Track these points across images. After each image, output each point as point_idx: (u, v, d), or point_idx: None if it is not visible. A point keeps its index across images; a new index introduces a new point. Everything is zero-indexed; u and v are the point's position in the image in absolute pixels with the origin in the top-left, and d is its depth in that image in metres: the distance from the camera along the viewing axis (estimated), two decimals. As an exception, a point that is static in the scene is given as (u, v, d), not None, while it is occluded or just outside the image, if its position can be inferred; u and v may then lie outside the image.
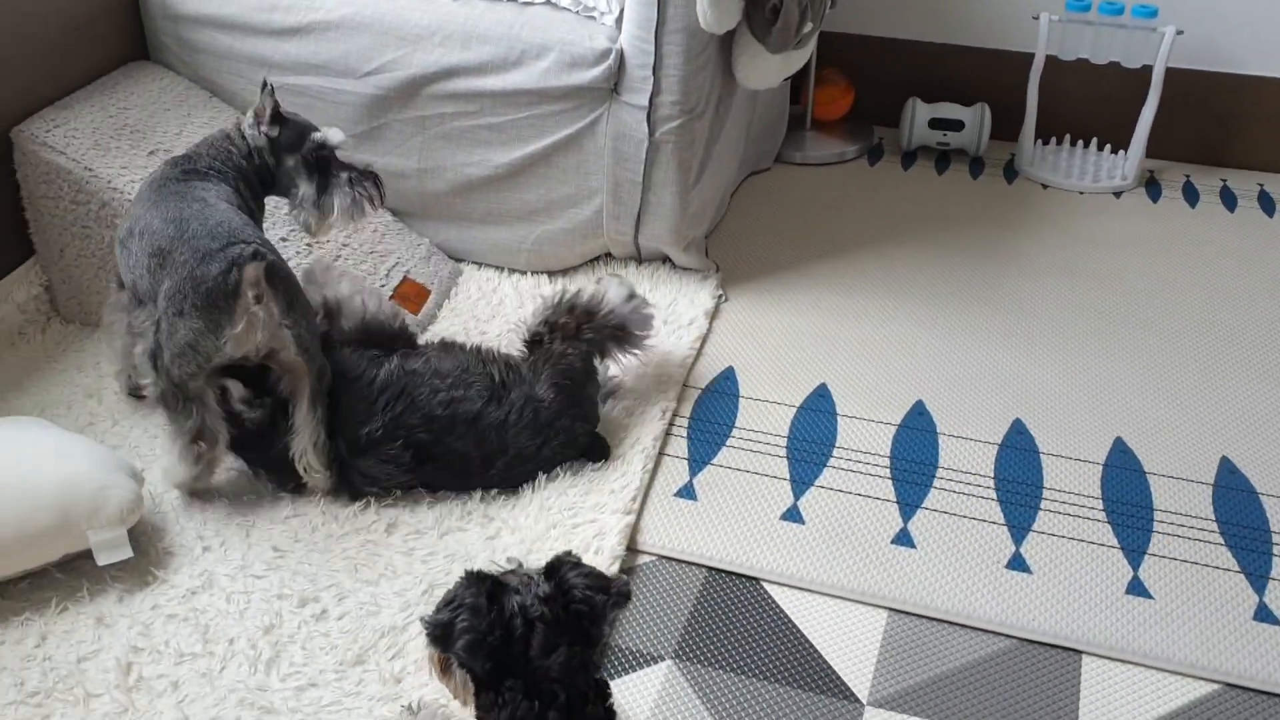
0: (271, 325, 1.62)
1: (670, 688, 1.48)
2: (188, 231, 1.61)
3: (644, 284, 2.24)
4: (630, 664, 1.51)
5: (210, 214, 1.64)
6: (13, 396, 1.96)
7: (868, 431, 1.91)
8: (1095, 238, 2.48)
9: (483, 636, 1.11)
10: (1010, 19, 2.77)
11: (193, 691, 1.45)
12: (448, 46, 2.11)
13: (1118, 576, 1.64)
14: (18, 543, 1.54)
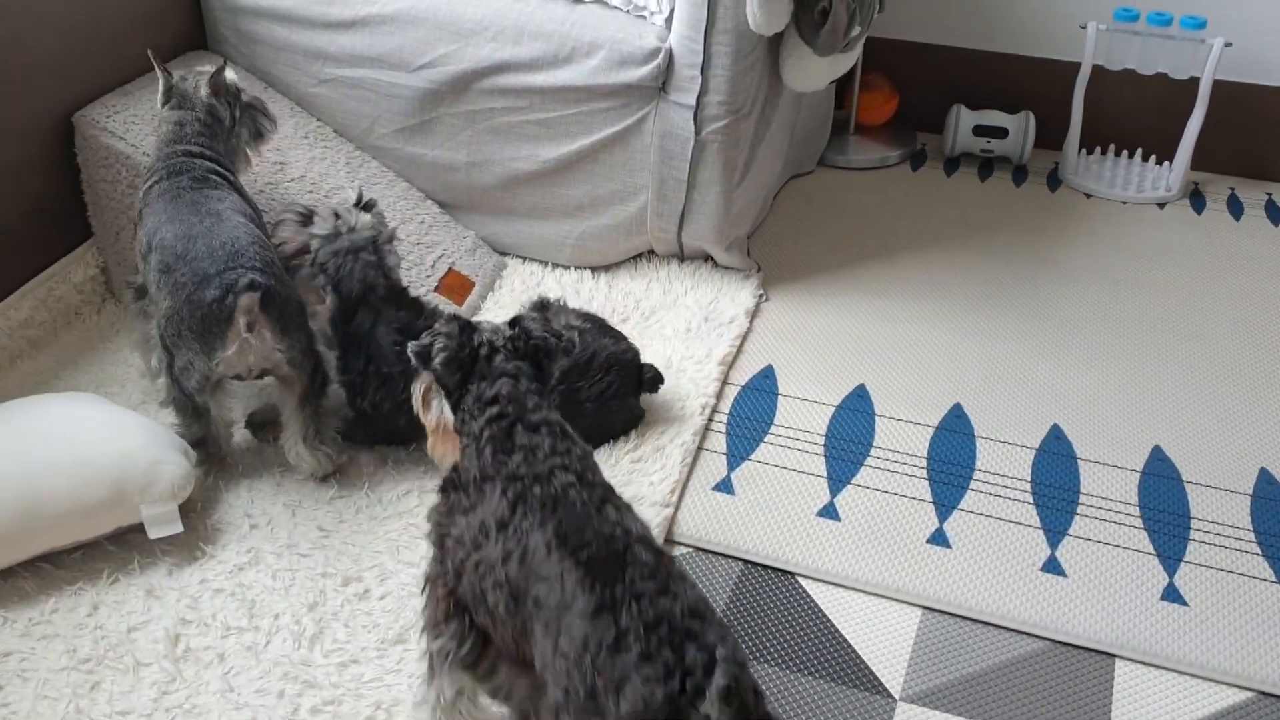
0: (264, 350, 1.68)
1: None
2: (191, 251, 1.65)
3: (686, 281, 2.27)
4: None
5: (218, 232, 1.67)
6: (69, 373, 2.01)
7: (905, 432, 1.92)
8: (1138, 248, 2.48)
9: (455, 354, 1.33)
10: (1057, 27, 2.77)
11: (238, 664, 1.49)
12: (499, 42, 2.15)
13: (1153, 582, 1.64)
14: (72, 514, 1.59)
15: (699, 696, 1.05)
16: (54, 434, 1.63)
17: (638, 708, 1.05)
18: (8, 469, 1.57)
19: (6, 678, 1.47)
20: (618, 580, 1.13)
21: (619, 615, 1.10)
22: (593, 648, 1.10)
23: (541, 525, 1.20)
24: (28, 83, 1.99)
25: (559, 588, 1.15)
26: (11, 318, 2.02)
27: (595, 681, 1.09)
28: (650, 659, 1.07)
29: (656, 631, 1.09)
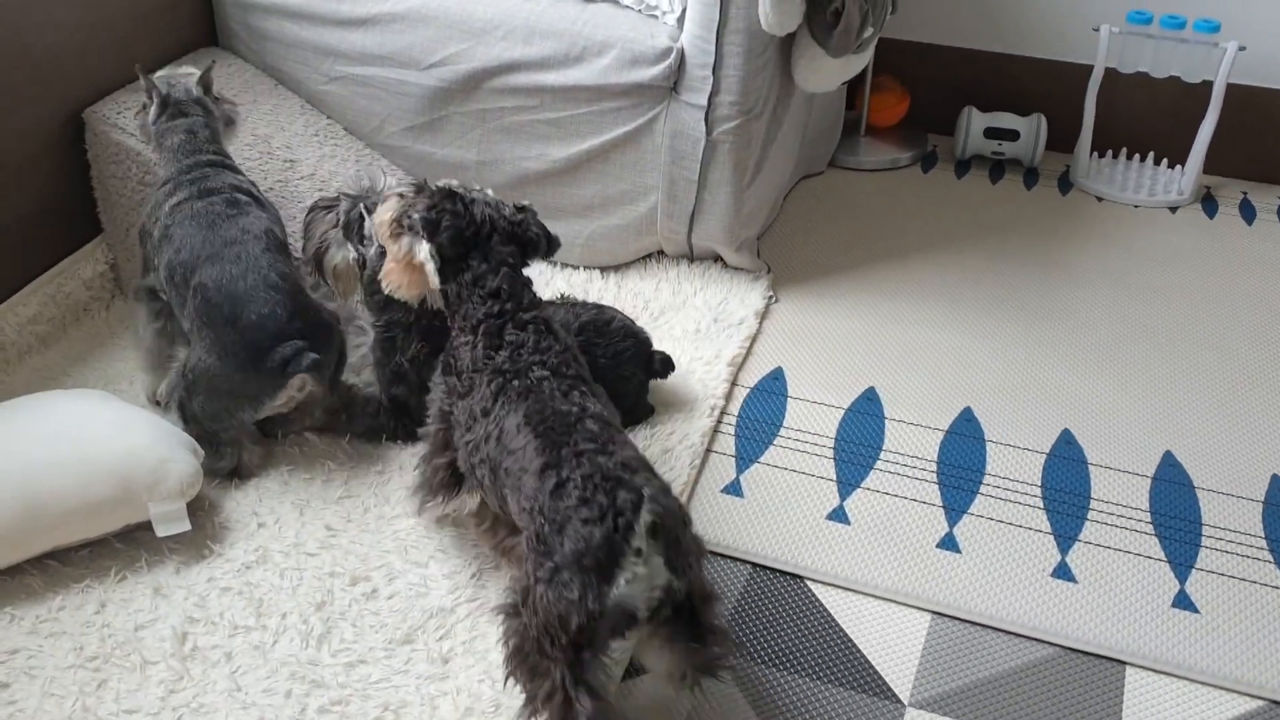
0: (311, 399, 1.77)
1: (712, 682, 1.49)
2: (242, 317, 1.67)
3: (695, 282, 2.26)
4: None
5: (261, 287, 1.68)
6: (77, 370, 2.01)
7: (915, 436, 1.91)
8: (1149, 252, 2.47)
9: (462, 233, 1.48)
10: (1069, 30, 2.76)
11: (246, 663, 1.49)
12: (510, 41, 2.14)
13: (1164, 589, 1.63)
14: (80, 512, 1.58)
15: (630, 532, 1.22)
16: (62, 431, 1.62)
17: (579, 545, 1.22)
18: (16, 467, 1.57)
19: (13, 675, 1.47)
20: (564, 444, 1.31)
21: (560, 469, 1.28)
22: (541, 498, 1.28)
23: (515, 411, 1.39)
24: (38, 79, 1.99)
25: (522, 456, 1.34)
26: (20, 314, 2.02)
27: (544, 527, 1.26)
28: (587, 503, 1.24)
29: (591, 480, 1.25)
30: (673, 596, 1.27)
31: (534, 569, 1.27)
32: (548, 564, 1.25)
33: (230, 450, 1.76)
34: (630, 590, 1.23)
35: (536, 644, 1.26)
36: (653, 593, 1.25)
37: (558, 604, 1.23)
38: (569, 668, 1.25)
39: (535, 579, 1.26)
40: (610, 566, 1.22)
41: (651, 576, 1.24)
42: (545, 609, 1.24)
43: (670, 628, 1.31)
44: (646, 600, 1.25)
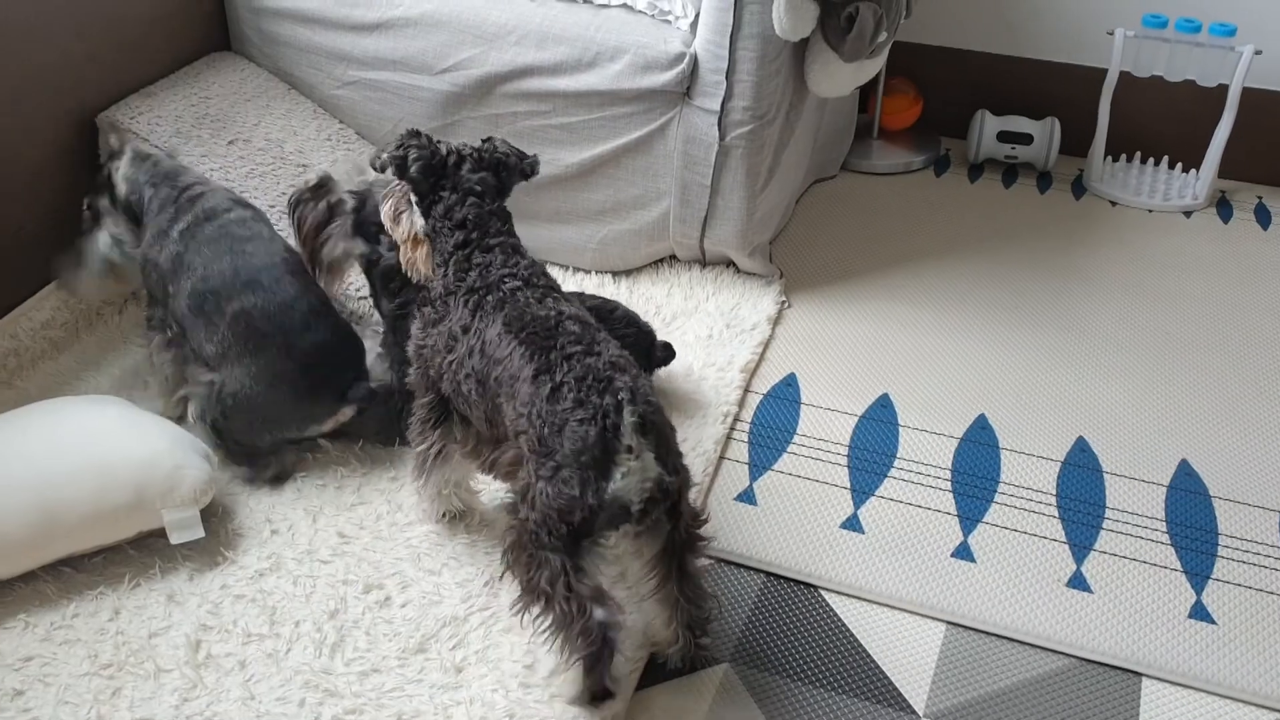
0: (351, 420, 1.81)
1: (727, 691, 1.49)
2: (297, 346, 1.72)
3: (707, 287, 2.25)
4: (687, 665, 1.52)
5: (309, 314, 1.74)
6: (90, 375, 2.01)
7: (929, 443, 1.90)
8: (1164, 257, 2.46)
9: (429, 161, 1.54)
10: (1083, 33, 2.74)
11: (259, 671, 1.49)
12: (523, 46, 2.14)
13: (1180, 600, 1.62)
14: (94, 519, 1.58)
15: (618, 431, 1.31)
16: (76, 438, 1.63)
17: (576, 445, 1.31)
18: (30, 473, 1.57)
19: (28, 682, 1.47)
20: (550, 349, 1.38)
21: (553, 373, 1.36)
22: (538, 403, 1.35)
23: (493, 321, 1.46)
24: (52, 84, 1.99)
25: (510, 364, 1.41)
26: (34, 319, 2.02)
27: (544, 429, 1.34)
28: (582, 404, 1.33)
29: (584, 382, 1.34)
30: (665, 490, 1.36)
31: (536, 469, 1.35)
32: (549, 463, 1.33)
33: (274, 459, 1.77)
34: (625, 484, 1.33)
35: (535, 536, 1.35)
36: (644, 485, 1.34)
37: (558, 499, 1.32)
38: (568, 554, 1.34)
39: (537, 477, 1.35)
40: (606, 463, 1.32)
41: (644, 470, 1.34)
42: (545, 504, 1.33)
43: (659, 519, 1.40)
44: (639, 493, 1.34)
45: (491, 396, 1.45)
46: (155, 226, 1.81)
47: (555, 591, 1.34)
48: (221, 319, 1.72)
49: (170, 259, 1.77)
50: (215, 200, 1.81)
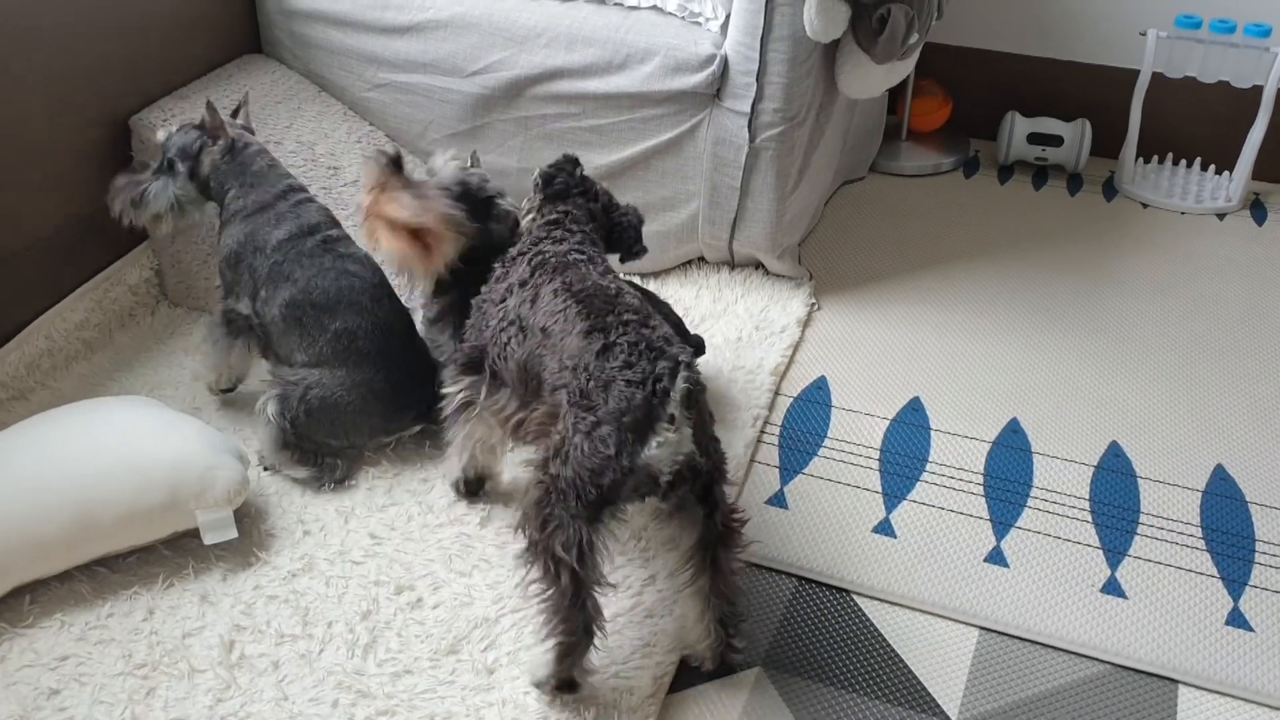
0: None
1: (759, 695, 1.49)
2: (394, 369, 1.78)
3: (736, 289, 2.25)
4: (720, 669, 1.52)
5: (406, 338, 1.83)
6: (123, 376, 2.02)
7: (961, 447, 1.89)
8: (1196, 260, 2.43)
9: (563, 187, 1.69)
10: (1115, 34, 2.73)
11: (292, 672, 1.49)
12: (553, 48, 2.14)
13: (1217, 606, 1.61)
14: (129, 519, 1.59)
15: (665, 398, 1.32)
16: (111, 439, 1.64)
17: (620, 404, 1.32)
18: (66, 474, 1.58)
19: (64, 681, 1.48)
20: (609, 312, 1.41)
21: (608, 334, 1.38)
22: (586, 357, 1.37)
23: (551, 280, 1.50)
24: (86, 87, 2.01)
25: (562, 319, 1.43)
26: (68, 319, 2.04)
27: (588, 383, 1.35)
28: (631, 366, 1.34)
29: (637, 347, 1.35)
30: (694, 469, 1.37)
31: (574, 421, 1.35)
32: (589, 418, 1.34)
33: (341, 462, 1.80)
34: (659, 454, 1.34)
35: (563, 496, 1.35)
36: (677, 458, 1.35)
37: (593, 457, 1.32)
38: (588, 523, 1.35)
39: (574, 430, 1.35)
40: (646, 428, 1.32)
41: (679, 444, 1.34)
42: (579, 461, 1.33)
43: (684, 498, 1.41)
44: (670, 465, 1.35)
45: (533, 347, 1.47)
46: (248, 228, 1.81)
47: (563, 562, 1.34)
48: (322, 333, 1.77)
49: (268, 266, 1.79)
50: (315, 215, 1.84)
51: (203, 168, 1.86)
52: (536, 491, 1.38)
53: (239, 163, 1.86)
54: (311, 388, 1.75)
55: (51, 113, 1.96)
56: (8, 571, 1.55)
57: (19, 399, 1.94)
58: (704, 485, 1.40)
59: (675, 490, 1.39)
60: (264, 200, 1.82)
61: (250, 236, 1.81)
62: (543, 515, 1.36)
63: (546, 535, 1.36)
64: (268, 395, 1.77)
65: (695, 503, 1.41)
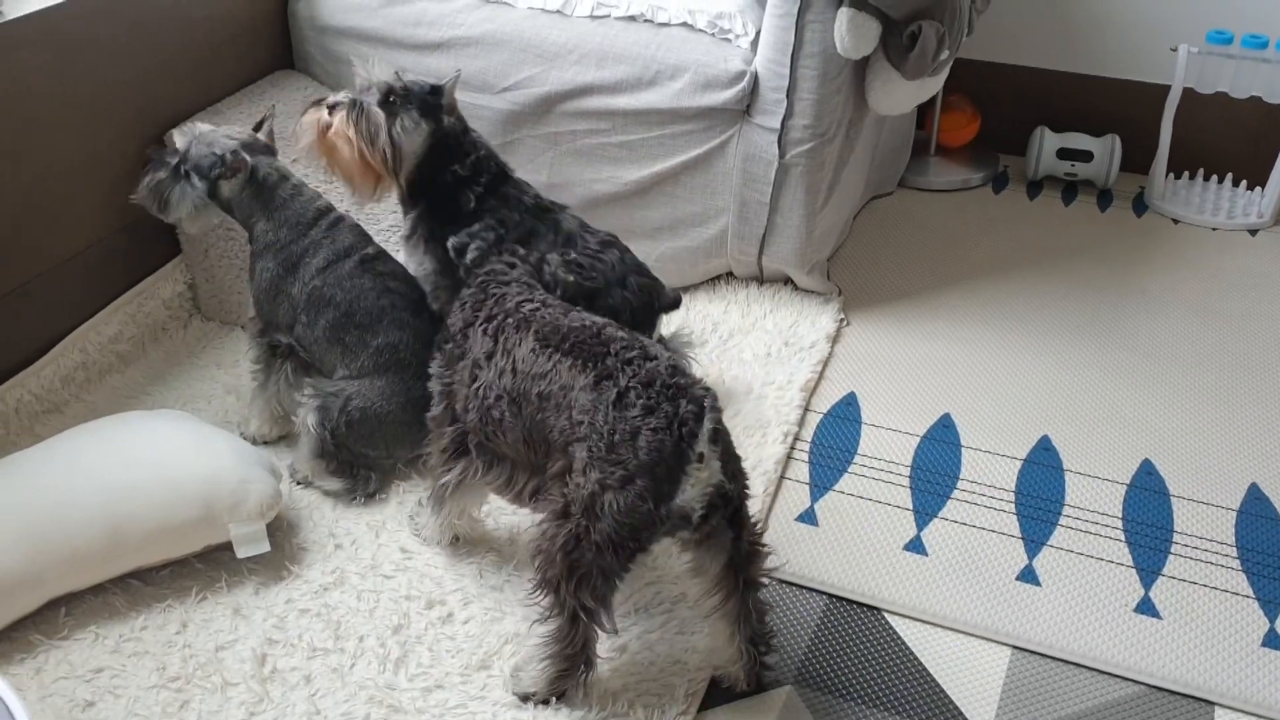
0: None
1: (790, 713, 1.48)
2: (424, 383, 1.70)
3: (765, 305, 2.25)
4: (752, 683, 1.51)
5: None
6: (156, 389, 2.04)
7: (992, 464, 1.88)
8: (1228, 276, 2.42)
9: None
10: (1146, 50, 2.71)
11: (324, 686, 1.50)
12: (584, 65, 2.15)
13: (1253, 628, 1.59)
14: (163, 532, 1.60)
15: (694, 440, 1.30)
16: (145, 452, 1.65)
17: (652, 455, 1.30)
18: (100, 486, 1.59)
19: (98, 694, 1.49)
20: (605, 355, 1.37)
21: (616, 379, 1.33)
22: (602, 409, 1.33)
23: (522, 341, 1.45)
24: (125, 101, 2.03)
25: (557, 376, 1.39)
26: (102, 332, 2.06)
27: (613, 437, 1.31)
28: (653, 412, 1.31)
29: (652, 388, 1.32)
30: (725, 497, 1.36)
31: (602, 476, 1.32)
32: (618, 472, 1.31)
33: (374, 475, 1.81)
34: (691, 494, 1.33)
35: (597, 548, 1.33)
36: (706, 491, 1.34)
37: (631, 514, 1.31)
38: (618, 574, 1.35)
39: (603, 486, 1.32)
40: (678, 474, 1.31)
41: (709, 478, 1.34)
42: (616, 516, 1.31)
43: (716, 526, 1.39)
44: (701, 500, 1.34)
45: (532, 414, 1.43)
46: (283, 258, 1.80)
47: (590, 610, 1.35)
48: (364, 350, 1.78)
49: (307, 293, 1.79)
50: (349, 236, 1.84)
51: (221, 193, 1.83)
52: (564, 538, 1.35)
53: (263, 193, 1.82)
54: (352, 398, 1.76)
55: (91, 127, 1.98)
56: (43, 583, 1.56)
57: (53, 412, 1.96)
58: (734, 509, 1.40)
59: (708, 521, 1.38)
60: (297, 230, 1.81)
61: (287, 268, 1.80)
62: (570, 561, 1.35)
63: (574, 583, 1.35)
64: (307, 407, 1.78)
65: (725, 527, 1.40)
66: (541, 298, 1.53)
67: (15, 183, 1.88)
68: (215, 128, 1.86)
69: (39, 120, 1.89)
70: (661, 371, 1.34)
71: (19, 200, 1.89)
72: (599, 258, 1.78)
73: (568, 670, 1.42)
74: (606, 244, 1.82)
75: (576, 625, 1.37)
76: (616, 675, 1.51)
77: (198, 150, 1.82)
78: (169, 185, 1.83)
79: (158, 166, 1.84)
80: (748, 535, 1.41)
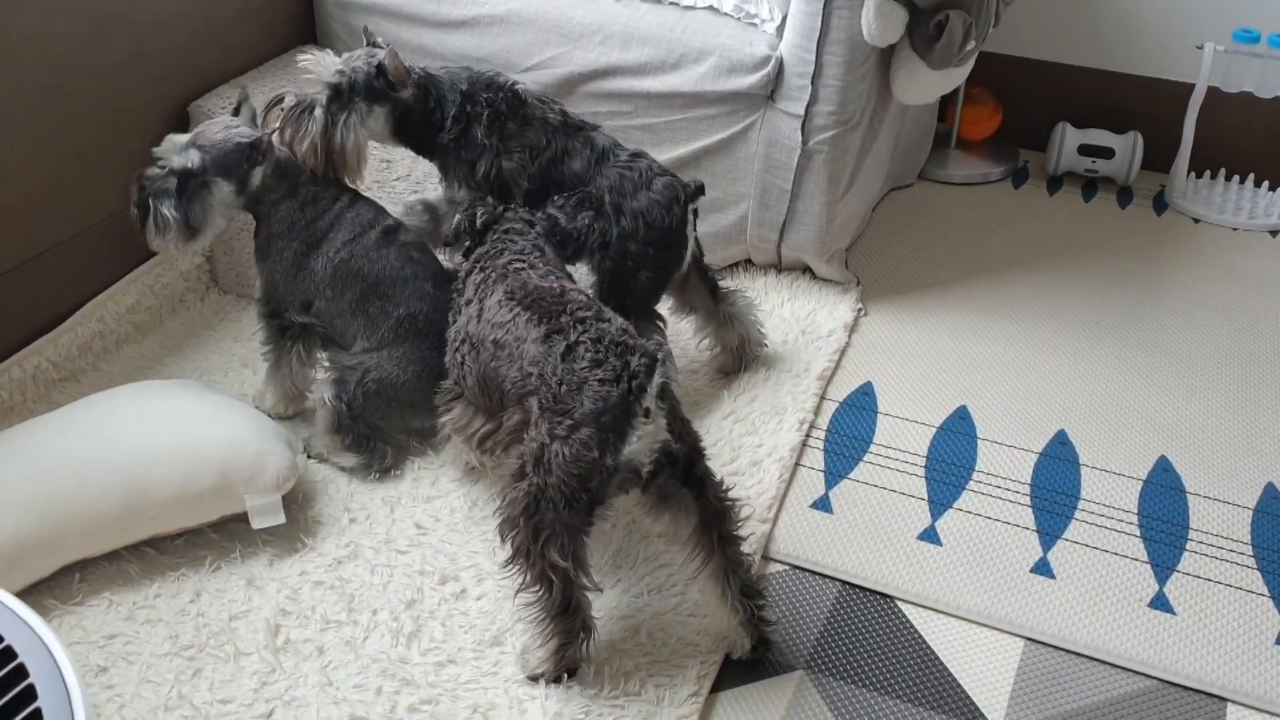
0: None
1: (801, 698, 1.48)
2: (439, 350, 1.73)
3: (783, 293, 2.24)
4: (763, 671, 1.51)
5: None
6: (173, 360, 2.04)
7: (1008, 457, 1.88)
8: (1248, 277, 2.41)
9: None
10: (1171, 47, 2.70)
11: (337, 658, 1.50)
12: (607, 46, 2.14)
13: (1268, 625, 1.59)
14: (180, 501, 1.61)
15: (642, 393, 1.33)
16: (164, 421, 1.65)
17: (597, 404, 1.32)
18: (120, 453, 1.59)
19: (112, 660, 1.49)
20: (560, 312, 1.42)
21: (567, 334, 1.38)
22: (551, 361, 1.37)
23: (493, 291, 1.52)
24: (148, 73, 2.03)
25: (514, 328, 1.45)
26: (120, 303, 2.06)
27: (559, 387, 1.35)
28: (600, 364, 1.34)
29: (600, 344, 1.36)
30: (671, 456, 1.38)
31: (550, 428, 1.36)
32: (566, 422, 1.34)
33: (390, 450, 1.80)
34: (638, 447, 1.35)
35: (552, 504, 1.35)
36: (654, 447, 1.36)
37: (577, 462, 1.33)
38: (580, 528, 1.36)
39: (551, 437, 1.35)
40: (624, 425, 1.33)
41: (655, 434, 1.36)
42: (563, 466, 1.34)
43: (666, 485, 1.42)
44: (649, 455, 1.36)
45: (487, 360, 1.50)
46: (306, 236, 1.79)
47: (559, 569, 1.36)
48: (385, 320, 1.78)
49: (331, 268, 1.78)
50: (368, 210, 1.82)
51: (252, 184, 1.77)
52: (523, 500, 1.37)
53: (287, 172, 1.79)
54: (370, 370, 1.76)
55: (114, 99, 1.98)
56: (59, 548, 1.56)
57: (70, 380, 1.96)
58: (684, 468, 1.41)
59: (656, 479, 1.40)
60: (319, 206, 1.79)
61: (310, 245, 1.79)
62: (533, 524, 1.37)
63: (540, 544, 1.36)
64: (324, 380, 1.78)
65: (679, 486, 1.41)
66: (536, 260, 1.59)
67: (40, 152, 1.88)
68: (201, 129, 1.76)
69: (64, 90, 1.89)
70: (612, 330, 1.38)
71: (42, 169, 1.89)
72: (630, 165, 1.83)
73: (567, 642, 1.42)
74: (637, 155, 1.87)
75: (552, 587, 1.38)
76: (629, 656, 1.51)
77: (217, 149, 1.72)
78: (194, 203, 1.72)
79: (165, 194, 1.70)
80: (714, 493, 1.43)
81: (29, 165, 1.86)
